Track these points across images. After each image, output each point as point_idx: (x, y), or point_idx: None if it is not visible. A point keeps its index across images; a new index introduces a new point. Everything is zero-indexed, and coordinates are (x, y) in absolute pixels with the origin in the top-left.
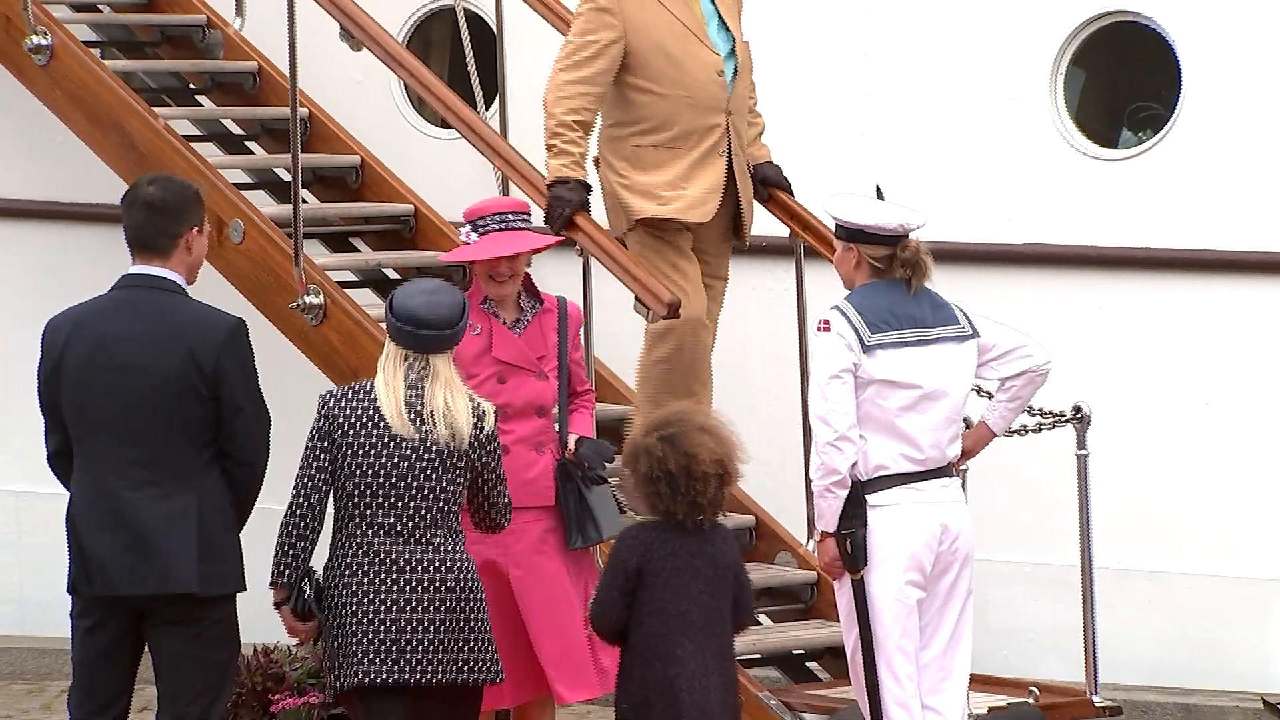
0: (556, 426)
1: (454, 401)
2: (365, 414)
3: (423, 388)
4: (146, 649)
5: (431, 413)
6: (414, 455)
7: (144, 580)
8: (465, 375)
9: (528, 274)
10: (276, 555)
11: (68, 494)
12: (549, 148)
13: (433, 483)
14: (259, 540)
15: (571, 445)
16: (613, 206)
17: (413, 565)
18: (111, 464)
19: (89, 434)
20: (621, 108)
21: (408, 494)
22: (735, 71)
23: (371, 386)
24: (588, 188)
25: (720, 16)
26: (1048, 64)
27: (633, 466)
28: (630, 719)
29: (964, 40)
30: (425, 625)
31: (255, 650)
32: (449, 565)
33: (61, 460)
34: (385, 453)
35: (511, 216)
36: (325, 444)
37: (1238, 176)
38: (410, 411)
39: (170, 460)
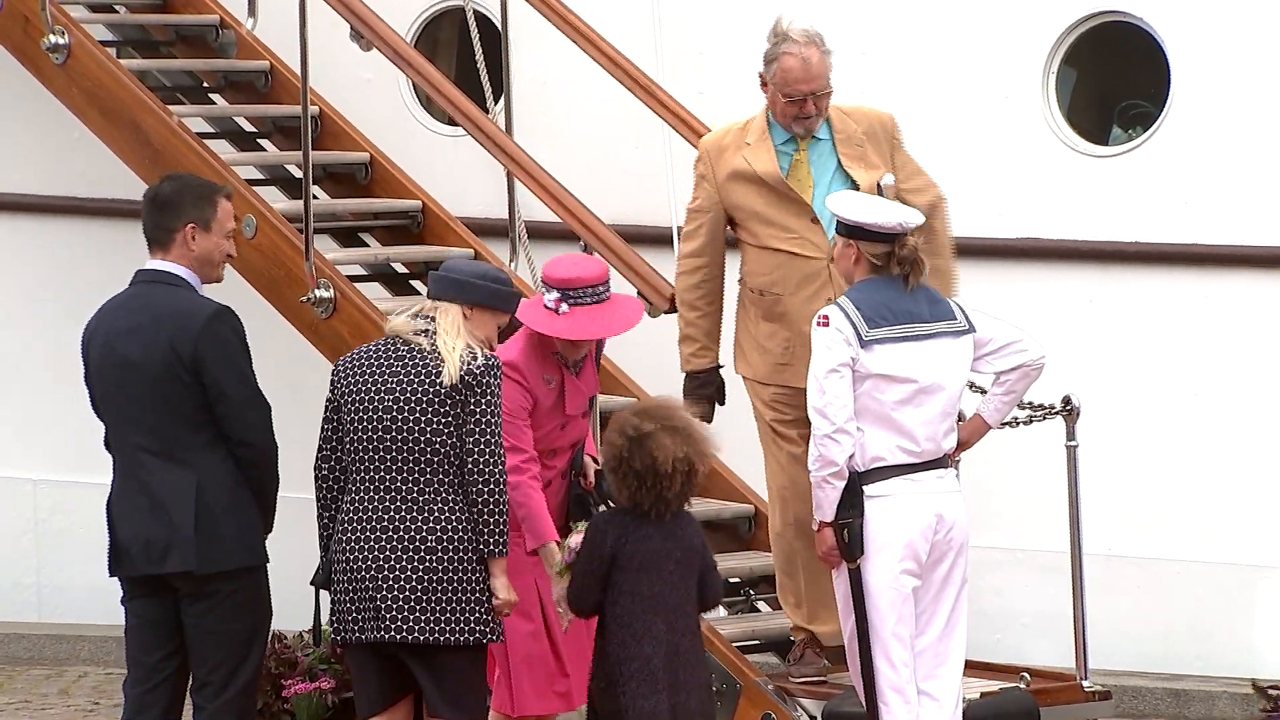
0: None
1: (452, 339)
2: (362, 368)
3: (427, 328)
4: None
5: (430, 339)
6: (401, 401)
7: (148, 559)
8: (537, 424)
9: None
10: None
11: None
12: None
13: (418, 432)
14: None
15: (591, 477)
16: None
17: (395, 523)
18: (124, 452)
19: (110, 426)
20: (742, 257)
21: (395, 446)
22: None
23: (375, 346)
24: (716, 371)
25: (841, 165)
26: (1040, 63)
27: (605, 458)
28: (608, 696)
29: (958, 40)
30: (403, 584)
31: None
32: (430, 525)
33: None
34: (375, 401)
35: (602, 288)
36: (331, 411)
37: (1225, 172)
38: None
39: (169, 444)
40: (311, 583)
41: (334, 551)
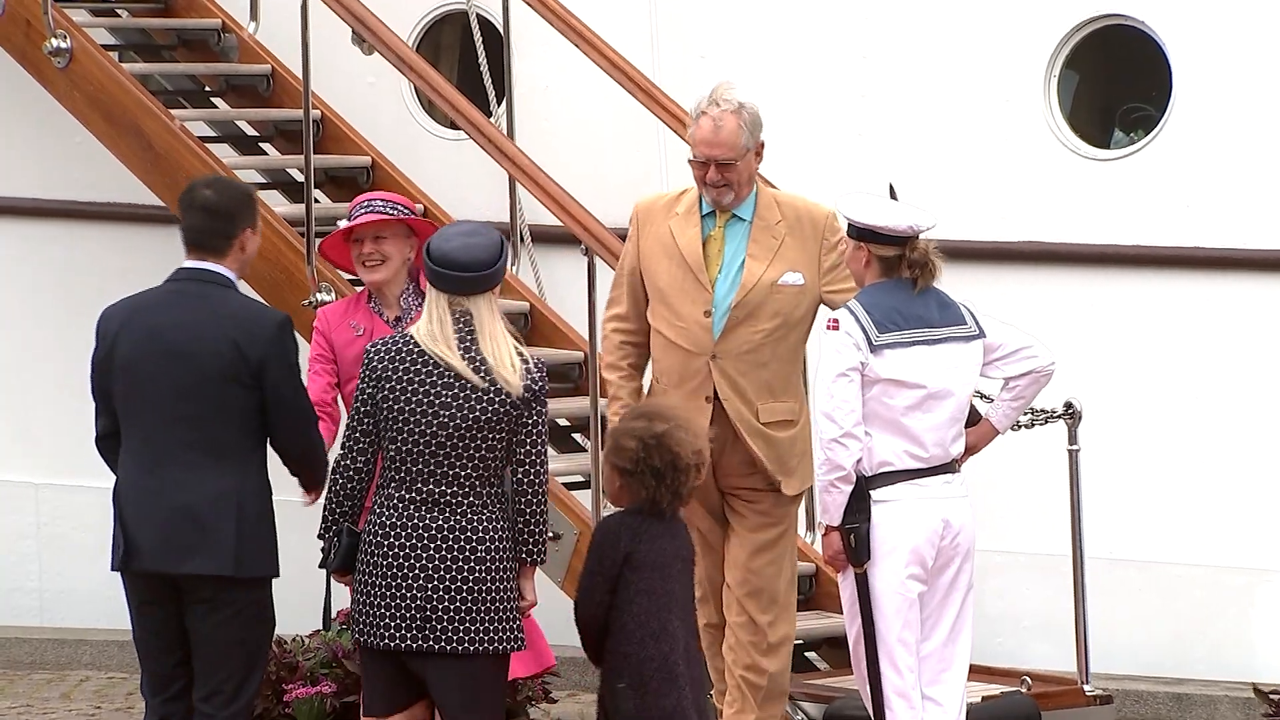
0: None
1: (500, 355)
2: (409, 375)
3: (469, 342)
4: None
5: (482, 367)
6: (458, 419)
7: (182, 559)
8: (347, 376)
9: (419, 271)
10: (324, 512)
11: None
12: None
13: (473, 449)
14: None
15: None
16: None
17: (444, 533)
18: (161, 446)
19: (139, 418)
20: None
21: (446, 462)
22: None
23: (415, 343)
24: None
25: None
26: (1042, 66)
27: (614, 461)
28: (628, 696)
29: (960, 43)
30: (453, 594)
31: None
32: (480, 534)
33: (109, 442)
34: (427, 419)
35: (380, 203)
36: (368, 407)
37: (1227, 176)
38: (466, 363)
39: (217, 443)
40: (322, 565)
41: (367, 556)
